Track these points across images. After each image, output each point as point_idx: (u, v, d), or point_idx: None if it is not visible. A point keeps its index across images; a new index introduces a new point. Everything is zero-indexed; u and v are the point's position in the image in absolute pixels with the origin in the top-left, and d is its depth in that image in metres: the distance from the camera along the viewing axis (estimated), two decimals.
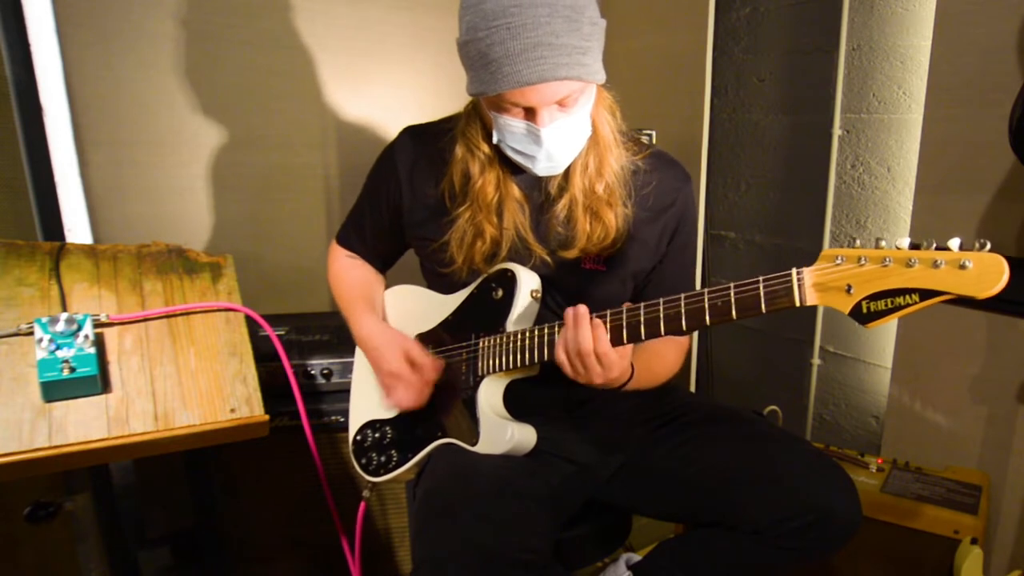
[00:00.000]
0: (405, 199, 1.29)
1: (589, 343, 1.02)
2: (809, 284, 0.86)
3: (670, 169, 1.25)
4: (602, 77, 1.10)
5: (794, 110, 2.26)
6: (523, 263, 1.21)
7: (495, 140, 1.14)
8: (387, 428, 1.33)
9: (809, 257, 0.87)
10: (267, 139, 2.06)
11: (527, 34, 0.98)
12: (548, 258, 1.21)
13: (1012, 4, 1.50)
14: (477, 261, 1.22)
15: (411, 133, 1.32)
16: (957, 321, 1.69)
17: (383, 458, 1.32)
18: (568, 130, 1.10)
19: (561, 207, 1.19)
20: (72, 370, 1.02)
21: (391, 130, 2.25)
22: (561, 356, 1.06)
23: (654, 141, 1.37)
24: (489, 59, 1.01)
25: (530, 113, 1.07)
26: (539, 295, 1.18)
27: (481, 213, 1.19)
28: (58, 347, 1.04)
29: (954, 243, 0.75)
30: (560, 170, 1.16)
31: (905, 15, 1.93)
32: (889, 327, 2.00)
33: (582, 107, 1.10)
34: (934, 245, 0.77)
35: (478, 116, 1.19)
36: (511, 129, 1.10)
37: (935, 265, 0.75)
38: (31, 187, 1.68)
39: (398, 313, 1.41)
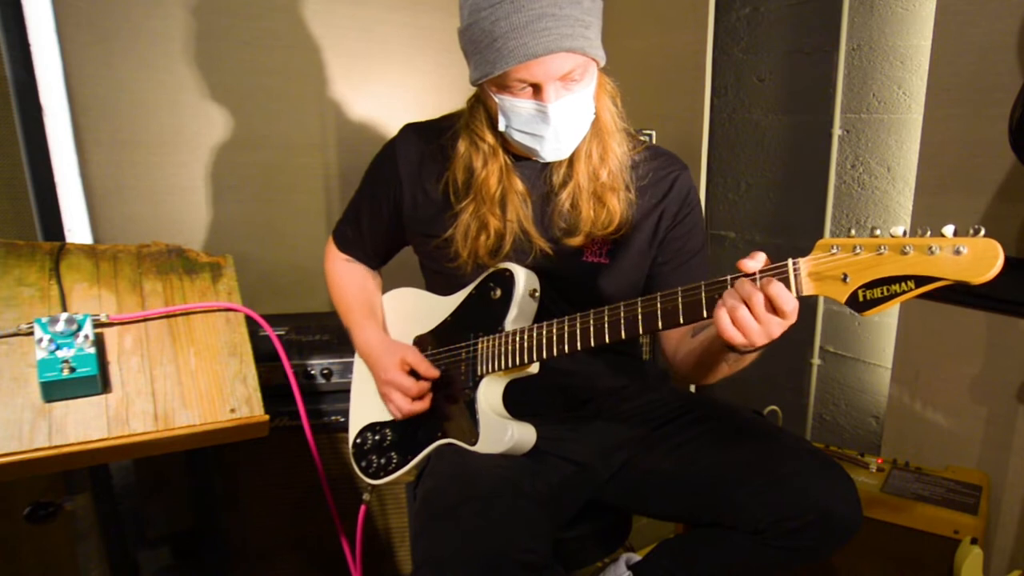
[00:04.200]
0: (406, 196, 1.30)
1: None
2: (805, 274, 0.86)
3: (665, 158, 1.26)
4: (603, 57, 1.11)
5: (794, 110, 2.26)
6: (526, 256, 1.22)
7: (502, 127, 1.14)
8: (387, 430, 1.33)
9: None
10: (267, 139, 2.06)
11: (531, 6, 1.00)
12: (551, 251, 1.21)
13: (1012, 4, 1.50)
14: (482, 255, 1.22)
15: (412, 130, 1.33)
16: (957, 321, 1.69)
17: (383, 460, 1.32)
18: (573, 108, 1.10)
19: (565, 196, 1.20)
20: (72, 370, 1.02)
21: (391, 130, 2.22)
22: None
23: (654, 141, 1.36)
24: (494, 36, 1.03)
25: (536, 91, 1.08)
26: (537, 294, 1.18)
27: (485, 206, 1.20)
28: (58, 347, 1.04)
29: (948, 230, 0.75)
30: (566, 154, 1.17)
31: (905, 15, 1.93)
32: (889, 327, 2.01)
33: (586, 86, 1.11)
34: (928, 232, 0.77)
35: (481, 106, 1.20)
36: (518, 111, 1.10)
37: (930, 252, 0.75)
38: (31, 187, 1.68)
39: (397, 315, 1.41)
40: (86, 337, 1.06)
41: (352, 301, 1.40)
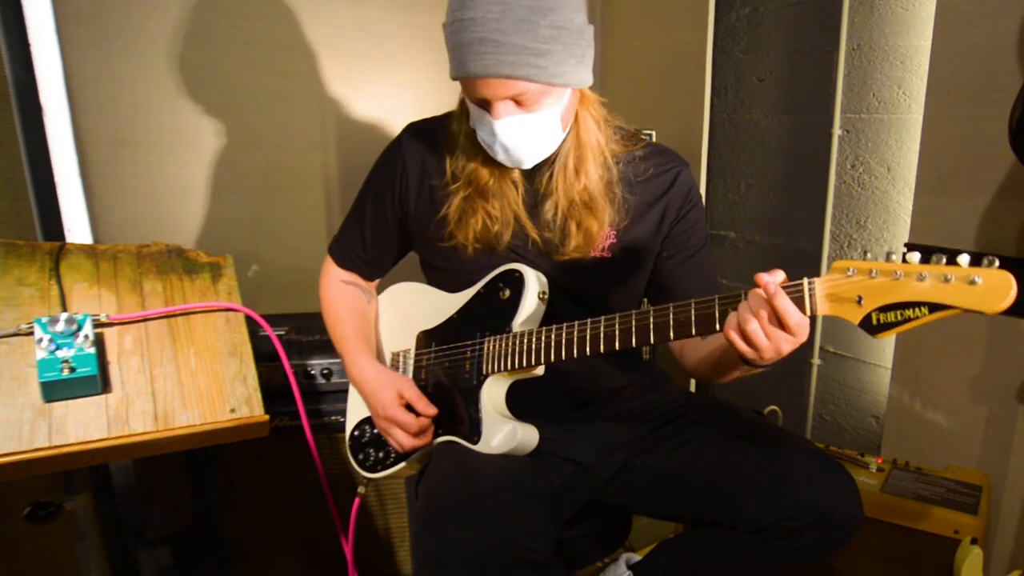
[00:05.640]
0: (412, 194, 1.30)
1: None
2: (821, 295, 0.86)
3: (666, 155, 1.27)
4: (572, 81, 1.09)
5: (794, 110, 2.26)
6: (526, 249, 1.23)
7: (471, 124, 1.16)
8: None
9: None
10: (267, 139, 2.06)
11: (474, 28, 1.01)
12: (549, 247, 1.22)
13: (1012, 4, 1.50)
14: (480, 240, 1.23)
15: (414, 129, 1.33)
16: (957, 321, 1.66)
17: (381, 454, 1.31)
18: (526, 128, 1.10)
19: (548, 207, 1.21)
20: (72, 370, 1.02)
21: (391, 130, 2.24)
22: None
23: (654, 141, 1.37)
24: (450, 46, 1.07)
25: (489, 104, 1.09)
26: (546, 296, 1.19)
27: (479, 196, 1.21)
28: (58, 347, 1.04)
29: (964, 259, 0.76)
30: (525, 164, 1.17)
31: (905, 15, 1.93)
32: None
33: (547, 108, 1.10)
34: (944, 260, 0.77)
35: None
36: (476, 116, 1.13)
37: (945, 280, 0.76)
38: (31, 187, 1.68)
39: (401, 310, 1.40)
40: (86, 337, 1.06)
41: (347, 328, 1.37)
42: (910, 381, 1.82)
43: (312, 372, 1.67)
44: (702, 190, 2.23)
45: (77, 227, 1.78)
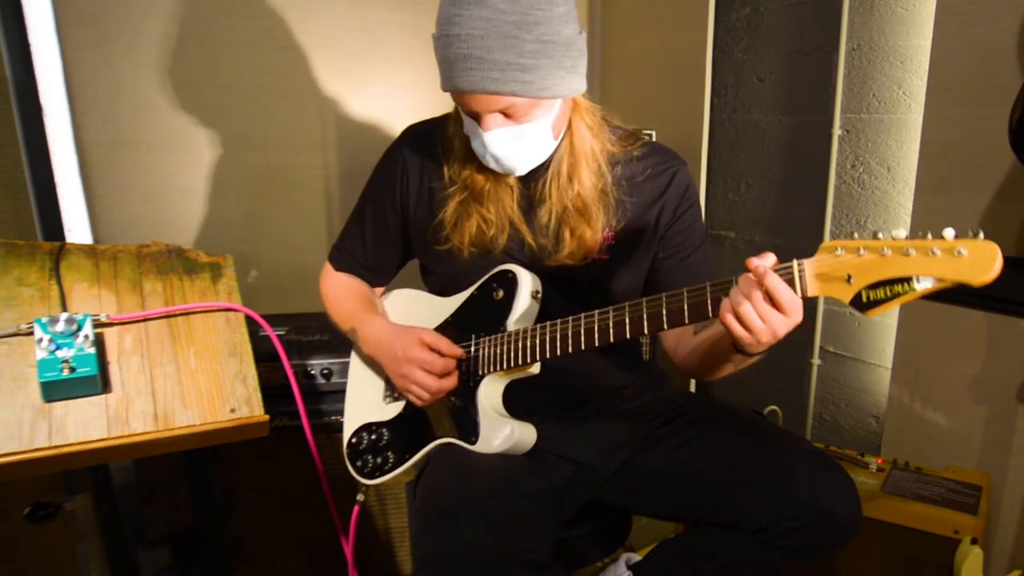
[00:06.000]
0: (412, 195, 1.30)
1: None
2: (811, 275, 0.87)
3: (663, 154, 1.26)
4: (562, 92, 1.09)
5: (794, 110, 2.26)
6: (522, 252, 1.22)
7: (465, 131, 1.17)
8: (384, 430, 1.33)
9: (809, 257, 0.88)
10: (267, 139, 2.06)
11: (459, 45, 1.01)
12: (545, 250, 1.22)
13: (1012, 4, 1.50)
14: (476, 244, 1.23)
15: (414, 131, 1.34)
16: (957, 321, 1.69)
17: (379, 460, 1.31)
18: (516, 139, 1.11)
19: (544, 212, 1.21)
20: (72, 370, 1.02)
21: (391, 130, 2.24)
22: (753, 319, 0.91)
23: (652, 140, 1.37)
24: (439, 59, 1.07)
25: (478, 116, 1.10)
26: (540, 296, 1.19)
27: (475, 199, 1.21)
28: (58, 347, 1.04)
29: (948, 233, 0.77)
30: (517, 172, 1.18)
31: (905, 15, 1.93)
32: (889, 327, 2.01)
33: (537, 119, 1.10)
34: (930, 235, 0.78)
35: None
36: (468, 126, 1.14)
37: (931, 253, 0.76)
38: (31, 187, 1.68)
39: (398, 316, 1.40)
40: (86, 337, 1.06)
41: (353, 301, 1.38)
42: (910, 381, 1.82)
43: (312, 372, 1.67)
44: (702, 190, 2.24)
45: (77, 227, 1.78)
